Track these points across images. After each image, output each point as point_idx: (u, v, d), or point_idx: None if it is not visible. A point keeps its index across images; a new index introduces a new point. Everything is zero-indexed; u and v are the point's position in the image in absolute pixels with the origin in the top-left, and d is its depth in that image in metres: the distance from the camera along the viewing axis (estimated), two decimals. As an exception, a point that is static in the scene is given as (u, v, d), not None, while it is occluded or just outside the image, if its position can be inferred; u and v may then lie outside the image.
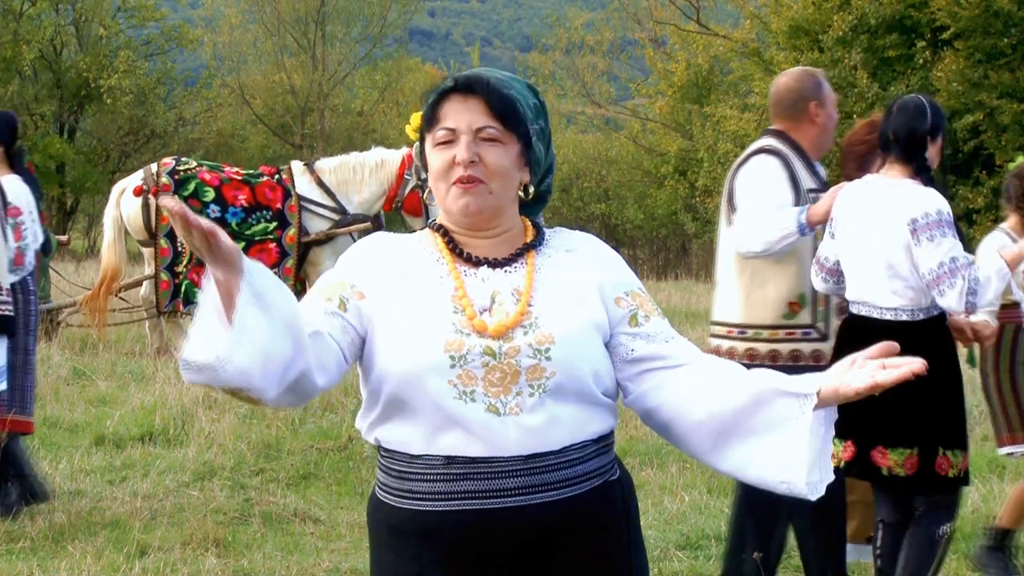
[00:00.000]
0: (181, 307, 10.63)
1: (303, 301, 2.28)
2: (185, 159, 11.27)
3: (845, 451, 4.36)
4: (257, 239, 10.50)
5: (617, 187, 33.39)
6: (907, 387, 2.55)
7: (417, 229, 3.55)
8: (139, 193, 10.67)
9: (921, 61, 21.63)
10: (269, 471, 6.93)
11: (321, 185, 10.71)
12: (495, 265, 2.28)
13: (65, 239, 11.87)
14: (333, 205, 10.67)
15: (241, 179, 10.74)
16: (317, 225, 10.66)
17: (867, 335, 2.35)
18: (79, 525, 5.81)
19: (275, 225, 10.62)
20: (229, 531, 5.75)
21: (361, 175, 10.73)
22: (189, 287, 10.53)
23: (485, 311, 2.22)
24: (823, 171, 4.76)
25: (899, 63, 22.30)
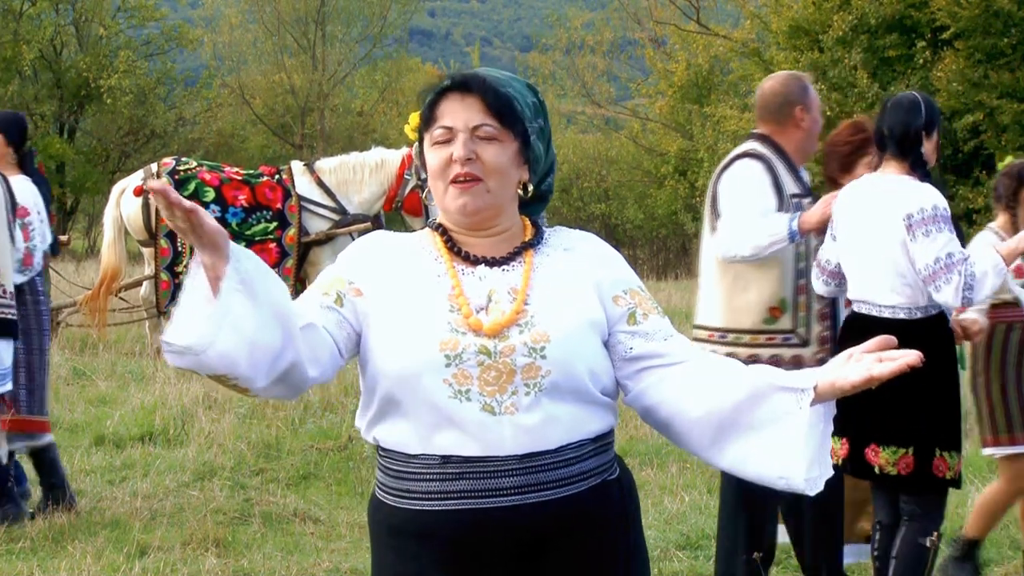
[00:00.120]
0: (181, 307, 10.60)
1: (302, 295, 2.29)
2: (185, 159, 11.26)
3: (842, 448, 4.35)
4: (257, 239, 10.50)
5: (617, 187, 33.38)
6: (904, 385, 2.54)
7: (417, 229, 3.55)
8: (139, 193, 10.66)
9: (921, 61, 21.60)
10: (269, 471, 6.93)
11: (321, 185, 10.71)
12: (493, 264, 2.28)
13: (65, 239, 11.79)
14: (333, 205, 10.67)
15: (241, 179, 10.73)
16: (317, 225, 10.66)
17: (867, 333, 2.34)
18: (79, 525, 5.81)
19: (275, 225, 10.62)
20: (229, 531, 5.75)
21: (361, 175, 10.72)
22: (189, 287, 10.50)
23: (481, 310, 2.22)
24: (807, 176, 4.72)
25: (899, 63, 22.28)
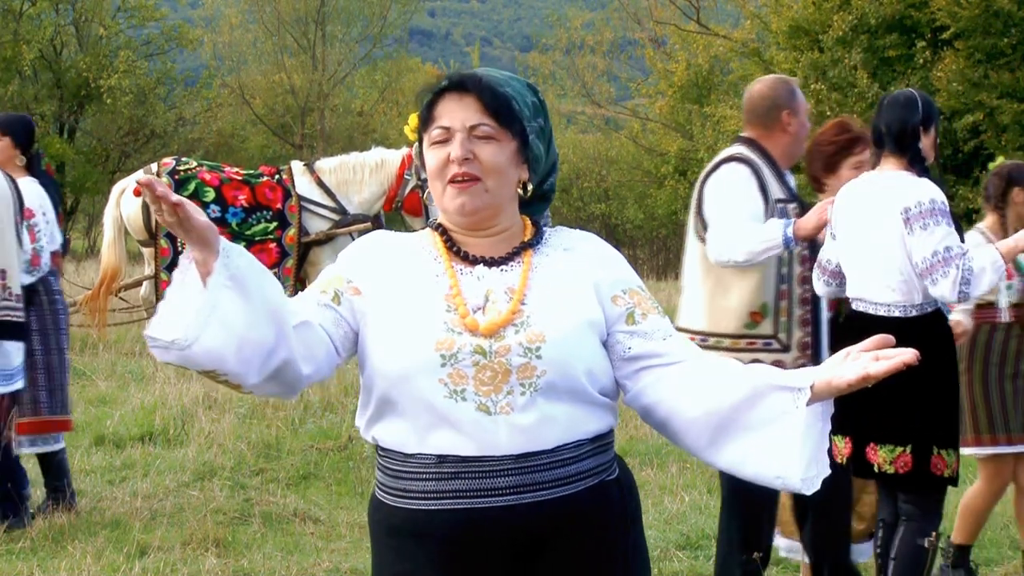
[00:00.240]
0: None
1: (301, 294, 2.30)
2: (185, 159, 11.25)
3: (846, 447, 4.34)
4: (257, 239, 10.49)
5: (617, 187, 33.40)
6: (901, 383, 2.53)
7: (417, 229, 3.55)
8: (139, 193, 10.64)
9: (921, 61, 21.61)
10: (269, 471, 6.93)
11: (321, 185, 10.70)
12: (491, 264, 2.28)
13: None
14: (333, 205, 10.66)
15: (241, 179, 10.72)
16: (317, 225, 10.65)
17: (865, 332, 2.34)
18: (79, 525, 5.81)
19: (275, 225, 10.61)
20: (229, 531, 5.75)
21: (361, 175, 10.71)
22: (189, 287, 10.50)
23: (479, 310, 2.22)
24: (793, 180, 4.69)
25: (899, 63, 22.28)
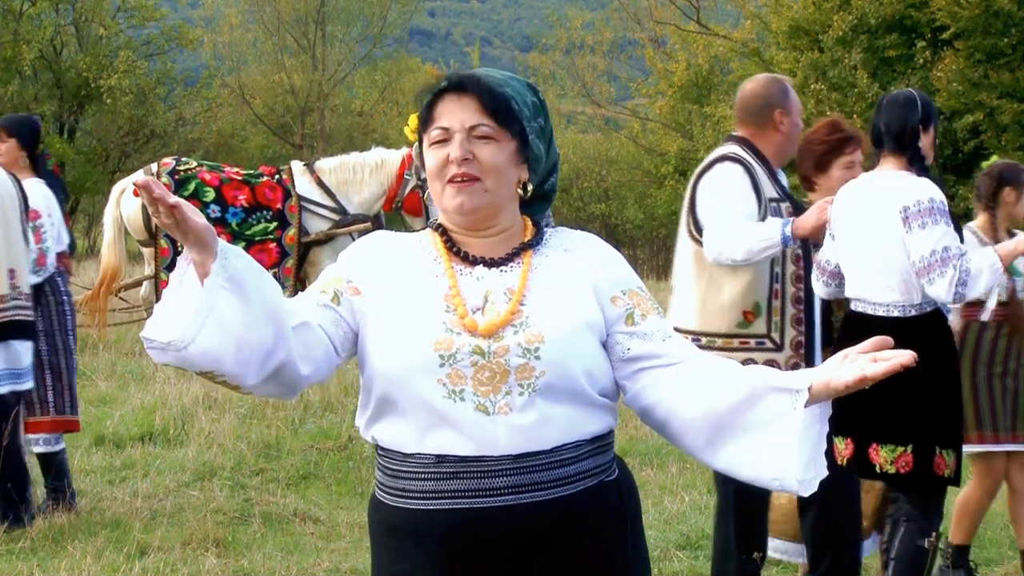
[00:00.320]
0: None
1: (301, 294, 2.30)
2: (185, 159, 11.25)
3: (846, 448, 4.34)
4: (257, 239, 10.49)
5: (617, 187, 33.39)
6: (901, 383, 2.53)
7: (417, 229, 3.55)
8: (139, 193, 10.65)
9: (921, 61, 21.60)
10: (269, 471, 6.94)
11: (321, 185, 10.70)
12: (491, 264, 2.28)
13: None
14: (333, 205, 10.66)
15: (241, 179, 10.72)
16: (317, 225, 10.65)
17: (864, 332, 2.34)
18: (79, 525, 5.81)
19: (275, 225, 10.61)
20: (229, 531, 5.75)
21: (361, 175, 10.71)
22: (189, 287, 10.50)
23: (478, 310, 2.23)
24: (785, 179, 4.69)
25: (899, 63, 22.27)
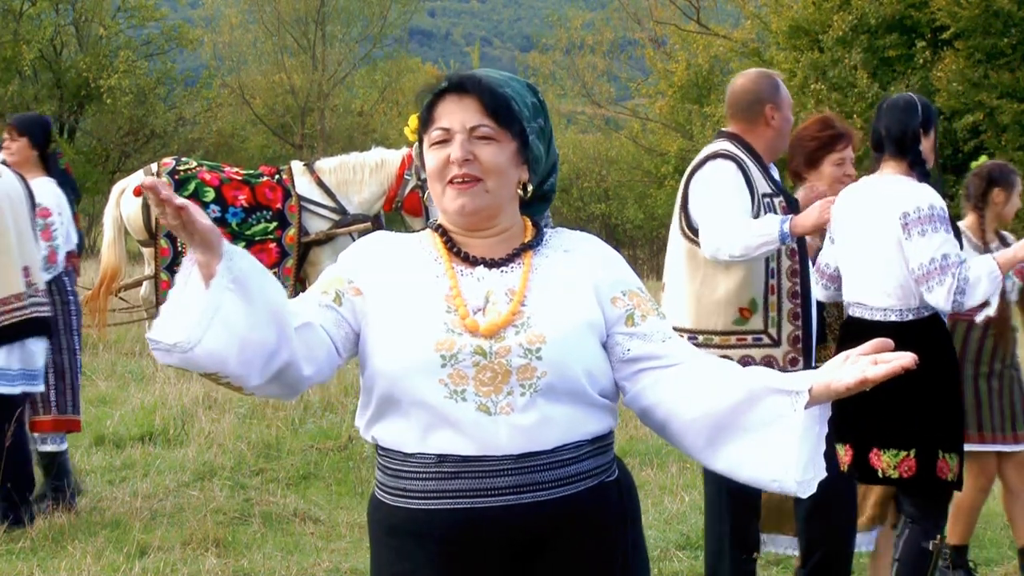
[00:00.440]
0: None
1: (302, 295, 2.30)
2: (185, 159, 11.25)
3: (846, 454, 4.33)
4: (257, 239, 10.49)
5: (617, 187, 33.37)
6: (901, 387, 2.52)
7: (417, 229, 3.55)
8: (139, 193, 10.62)
9: (921, 61, 21.62)
10: (269, 471, 6.93)
11: (321, 185, 10.70)
12: (492, 265, 2.29)
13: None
14: (333, 205, 10.66)
15: (241, 179, 10.73)
16: (317, 225, 10.65)
17: (862, 337, 2.34)
18: (79, 525, 5.81)
19: (275, 225, 10.61)
20: (229, 531, 5.75)
21: (361, 175, 10.71)
22: (189, 287, 10.50)
23: (479, 311, 2.23)
24: (777, 174, 4.66)
25: (899, 63, 22.29)
